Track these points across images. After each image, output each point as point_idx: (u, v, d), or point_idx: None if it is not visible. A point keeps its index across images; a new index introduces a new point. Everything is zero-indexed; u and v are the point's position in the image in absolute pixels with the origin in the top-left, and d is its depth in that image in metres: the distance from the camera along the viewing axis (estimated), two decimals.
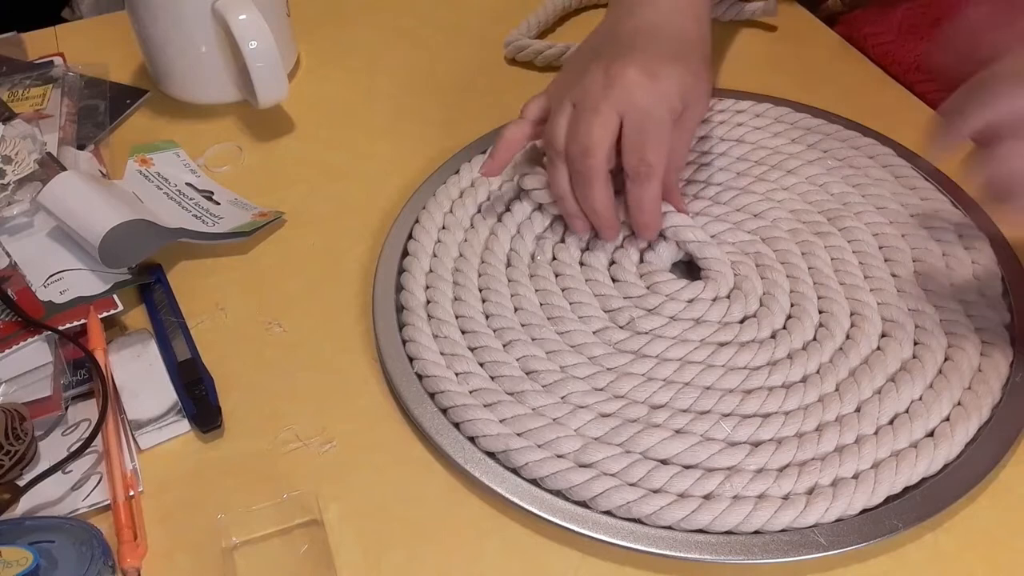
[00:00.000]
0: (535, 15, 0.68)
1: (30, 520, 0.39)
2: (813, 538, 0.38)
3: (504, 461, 0.41)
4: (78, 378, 0.45)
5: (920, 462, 0.40)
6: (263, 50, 0.56)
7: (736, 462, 0.40)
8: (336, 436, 0.44)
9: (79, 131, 0.59)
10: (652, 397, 0.43)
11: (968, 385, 0.43)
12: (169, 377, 0.45)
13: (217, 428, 0.43)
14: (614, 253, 0.50)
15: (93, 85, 0.63)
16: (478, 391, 0.44)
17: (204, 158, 0.58)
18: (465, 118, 0.60)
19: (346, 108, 0.62)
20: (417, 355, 0.45)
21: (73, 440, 0.43)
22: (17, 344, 0.45)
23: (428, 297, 0.48)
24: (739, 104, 0.59)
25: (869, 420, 0.42)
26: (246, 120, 0.61)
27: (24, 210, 0.51)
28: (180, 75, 0.62)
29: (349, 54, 0.67)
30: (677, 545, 0.38)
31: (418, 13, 0.71)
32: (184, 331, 0.47)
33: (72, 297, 0.47)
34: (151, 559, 0.39)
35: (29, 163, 0.52)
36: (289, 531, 0.40)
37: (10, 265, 0.49)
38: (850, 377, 0.44)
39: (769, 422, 0.42)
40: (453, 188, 0.54)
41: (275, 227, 0.54)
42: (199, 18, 0.57)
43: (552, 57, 0.64)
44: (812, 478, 0.40)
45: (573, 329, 0.46)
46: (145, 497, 0.41)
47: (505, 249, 0.51)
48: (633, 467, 0.40)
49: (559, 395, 0.43)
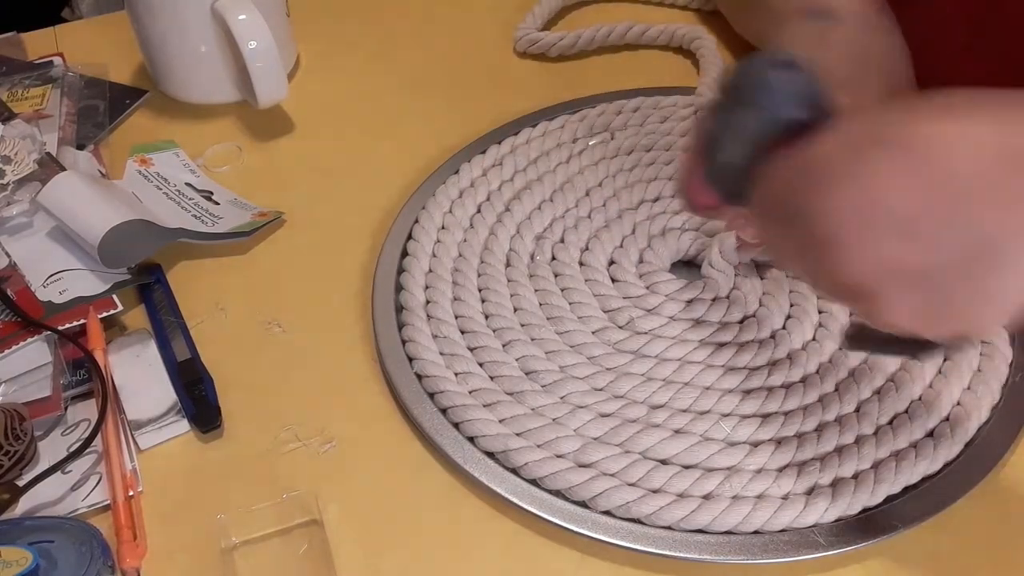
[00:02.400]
0: (539, 7, 0.68)
1: (30, 520, 0.39)
2: (813, 538, 0.38)
3: (503, 461, 0.41)
4: (78, 378, 0.45)
5: (920, 462, 0.40)
6: (263, 50, 0.56)
7: (736, 462, 0.41)
8: (336, 436, 0.44)
9: (79, 131, 0.58)
10: (651, 397, 0.43)
11: (968, 385, 0.43)
12: (169, 377, 0.45)
13: (217, 428, 0.43)
14: (613, 253, 0.50)
15: (93, 85, 0.63)
16: (477, 391, 0.44)
17: (204, 158, 0.58)
18: (465, 118, 0.60)
19: (346, 108, 0.62)
20: (416, 355, 0.45)
21: (73, 440, 0.43)
22: (17, 344, 0.45)
23: (427, 297, 0.48)
24: None
25: (869, 420, 0.42)
26: (246, 120, 0.61)
27: (24, 210, 0.51)
28: (180, 75, 0.62)
29: (349, 54, 0.67)
30: (677, 545, 0.38)
31: (418, 13, 0.71)
32: (184, 331, 0.47)
33: (72, 297, 0.47)
34: (151, 559, 0.39)
35: (29, 163, 0.52)
36: (289, 531, 0.40)
37: (10, 265, 0.49)
38: (849, 377, 0.44)
39: (768, 422, 0.42)
40: (453, 188, 0.54)
41: (275, 227, 0.54)
42: (199, 18, 0.57)
43: (565, 48, 0.64)
44: (812, 478, 0.40)
45: (572, 329, 0.46)
46: (145, 497, 0.41)
47: (504, 249, 0.51)
48: (632, 467, 0.40)
49: (558, 395, 0.43)
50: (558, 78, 0.64)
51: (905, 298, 0.30)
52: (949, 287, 0.29)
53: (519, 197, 0.53)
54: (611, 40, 0.65)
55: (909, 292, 0.29)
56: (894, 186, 0.28)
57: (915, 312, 0.30)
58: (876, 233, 0.29)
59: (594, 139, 0.57)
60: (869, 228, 0.29)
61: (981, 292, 0.28)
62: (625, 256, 0.50)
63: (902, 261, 0.29)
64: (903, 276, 0.29)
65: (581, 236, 0.51)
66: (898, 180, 0.28)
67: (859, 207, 0.29)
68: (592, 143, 0.57)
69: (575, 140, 0.57)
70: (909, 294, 0.29)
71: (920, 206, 0.28)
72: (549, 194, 0.53)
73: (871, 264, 0.29)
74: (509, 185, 0.54)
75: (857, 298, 0.31)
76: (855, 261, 0.30)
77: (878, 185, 0.28)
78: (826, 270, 0.31)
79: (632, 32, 0.65)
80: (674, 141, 0.56)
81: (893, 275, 0.29)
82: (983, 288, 0.28)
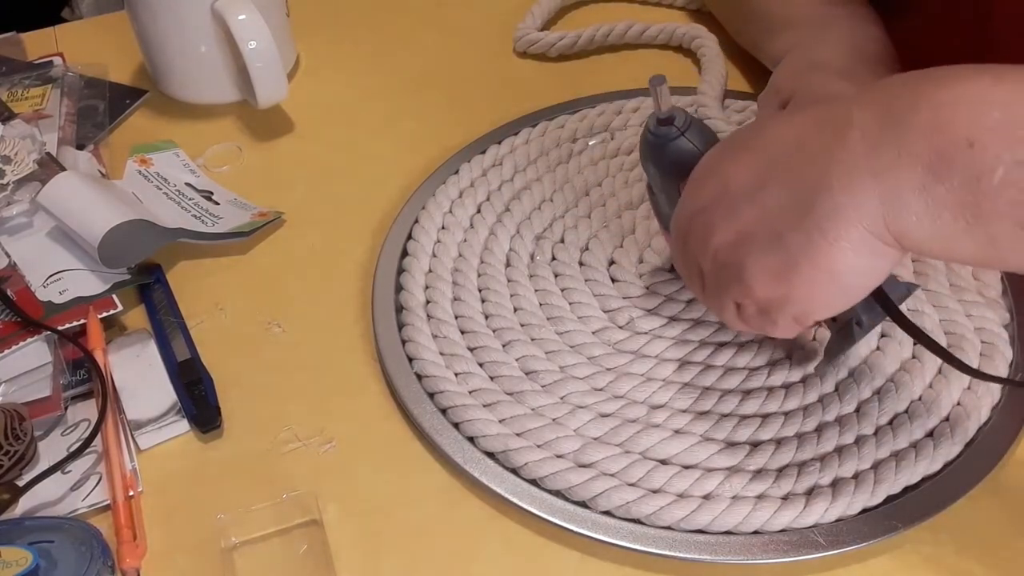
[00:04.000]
0: (538, 7, 0.68)
1: (30, 520, 0.39)
2: (812, 538, 0.38)
3: (503, 461, 0.41)
4: (78, 378, 0.45)
5: (920, 462, 0.40)
6: (263, 50, 0.56)
7: (735, 462, 0.40)
8: (336, 436, 0.44)
9: (79, 131, 0.58)
10: (651, 397, 0.43)
11: (968, 385, 0.43)
12: (169, 377, 0.45)
13: (217, 428, 0.43)
14: (613, 253, 0.50)
15: (93, 85, 0.63)
16: (477, 391, 0.44)
17: (204, 158, 0.58)
18: (465, 118, 0.60)
19: (346, 108, 0.62)
20: (416, 355, 0.45)
21: (73, 440, 0.43)
22: (17, 344, 0.45)
23: (427, 297, 0.48)
24: (735, 103, 0.59)
25: (868, 420, 0.42)
26: (246, 120, 0.61)
27: (24, 210, 0.51)
28: (180, 75, 0.62)
29: (349, 54, 0.67)
30: (677, 545, 0.38)
31: (417, 13, 0.71)
32: (184, 331, 0.47)
33: (72, 297, 0.47)
34: (151, 559, 0.39)
35: (28, 163, 0.52)
36: (288, 531, 0.40)
37: (9, 265, 0.49)
38: (849, 377, 0.44)
39: (768, 422, 0.42)
40: (453, 188, 0.54)
41: (275, 227, 0.54)
42: (199, 18, 0.57)
43: (565, 48, 0.64)
44: (811, 478, 0.40)
45: (572, 329, 0.46)
46: (145, 497, 0.41)
47: (504, 249, 0.51)
48: (632, 467, 0.40)
49: (558, 395, 0.43)
50: (558, 78, 0.64)
51: (763, 260, 0.34)
52: (788, 239, 0.33)
53: (519, 197, 0.53)
54: (611, 40, 0.65)
55: (764, 254, 0.34)
56: (736, 171, 0.36)
57: (773, 272, 0.34)
58: (731, 203, 0.36)
59: (594, 139, 0.57)
60: (725, 202, 0.36)
61: (811, 229, 0.33)
62: (625, 256, 0.50)
63: (752, 222, 0.35)
64: (755, 237, 0.35)
65: (581, 236, 0.51)
66: (740, 166, 0.36)
67: (716, 192, 0.36)
68: (592, 143, 0.57)
69: (575, 140, 0.57)
70: (764, 256, 0.34)
71: (752, 177, 0.35)
72: (549, 194, 0.53)
73: (731, 233, 0.35)
74: (509, 185, 0.54)
75: (731, 282, 0.36)
76: (721, 232, 0.36)
77: (727, 172, 0.36)
78: (707, 256, 0.37)
79: (632, 31, 0.65)
80: None
81: (751, 237, 0.35)
82: (813, 225, 0.33)
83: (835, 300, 0.35)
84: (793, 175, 0.34)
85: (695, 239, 0.38)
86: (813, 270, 0.33)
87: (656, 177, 0.42)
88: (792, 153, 0.34)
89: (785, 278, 0.34)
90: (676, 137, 0.40)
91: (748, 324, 0.38)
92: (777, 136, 0.36)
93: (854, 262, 0.33)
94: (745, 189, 0.35)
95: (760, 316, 0.37)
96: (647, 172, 0.43)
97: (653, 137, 0.41)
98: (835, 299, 0.35)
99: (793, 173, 0.34)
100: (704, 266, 0.38)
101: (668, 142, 0.40)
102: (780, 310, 0.35)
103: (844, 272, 0.33)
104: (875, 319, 0.38)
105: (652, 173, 0.42)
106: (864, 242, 0.32)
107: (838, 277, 0.33)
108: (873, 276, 0.34)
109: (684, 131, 0.40)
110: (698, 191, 0.38)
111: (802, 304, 0.35)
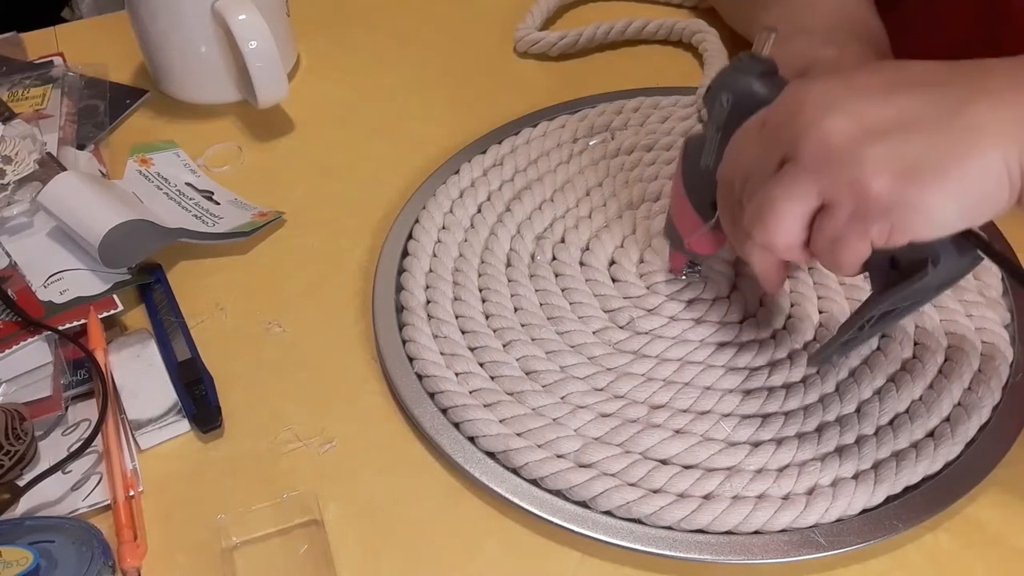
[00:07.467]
0: (537, 7, 0.68)
1: (30, 520, 0.39)
2: (813, 538, 0.38)
3: (504, 461, 0.41)
4: (78, 378, 0.45)
5: (920, 462, 0.40)
6: (263, 50, 0.56)
7: (736, 462, 0.41)
8: (336, 436, 0.44)
9: (79, 131, 0.59)
10: (652, 397, 0.43)
11: (968, 386, 0.43)
12: (169, 377, 0.45)
13: (217, 428, 0.43)
14: (614, 253, 0.50)
15: (93, 85, 0.63)
16: (478, 391, 0.44)
17: (204, 158, 0.58)
18: (465, 118, 0.60)
19: (346, 108, 0.62)
20: (417, 355, 0.45)
21: (73, 440, 0.43)
22: (17, 344, 0.45)
23: (428, 297, 0.48)
24: None
25: (869, 420, 0.42)
26: (246, 120, 0.61)
27: (24, 210, 0.51)
28: (180, 75, 0.62)
29: (349, 54, 0.67)
30: (677, 545, 0.38)
31: (417, 13, 0.71)
32: (184, 331, 0.47)
33: (72, 297, 0.47)
34: (151, 559, 0.39)
35: (29, 163, 0.52)
36: (289, 531, 0.40)
37: (10, 265, 0.49)
38: (850, 377, 0.44)
39: (769, 422, 0.42)
40: (453, 188, 0.54)
41: (275, 227, 0.54)
42: (199, 18, 0.57)
43: (566, 47, 0.64)
44: (812, 478, 0.40)
45: (573, 329, 0.46)
46: (145, 497, 0.41)
47: (505, 249, 0.51)
48: (633, 467, 0.40)
49: (559, 395, 0.43)
50: (558, 78, 0.64)
51: (893, 153, 0.33)
52: (927, 140, 0.33)
53: (519, 197, 0.53)
54: (611, 37, 0.65)
55: (895, 147, 0.33)
56: (862, 76, 0.35)
57: (899, 169, 0.33)
58: (855, 95, 0.34)
59: (594, 139, 0.57)
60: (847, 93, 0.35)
61: (955, 134, 0.33)
62: (626, 256, 0.50)
63: (881, 119, 0.33)
64: (885, 132, 0.33)
65: (581, 236, 0.51)
66: (867, 74, 0.35)
67: (835, 85, 0.35)
68: (592, 143, 0.57)
69: (575, 140, 0.57)
70: (895, 149, 0.33)
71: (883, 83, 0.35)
72: (550, 194, 0.53)
73: (852, 123, 0.34)
74: (509, 185, 0.54)
75: (833, 171, 0.34)
76: (838, 118, 0.34)
77: (851, 75, 0.35)
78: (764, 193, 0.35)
79: (632, 28, 0.65)
80: (674, 141, 0.56)
81: (878, 131, 0.33)
82: (958, 132, 0.33)
83: (946, 216, 0.33)
84: (935, 89, 0.33)
85: (789, 117, 0.35)
86: (944, 175, 0.32)
87: (725, 106, 0.39)
88: (931, 73, 0.34)
89: (912, 178, 0.32)
90: (774, 74, 0.39)
91: (822, 232, 0.35)
92: (910, 63, 0.35)
93: (982, 182, 0.32)
94: (874, 89, 0.34)
95: (850, 222, 0.34)
96: (715, 103, 0.40)
97: (749, 61, 0.39)
98: (946, 216, 0.33)
99: (934, 88, 0.33)
100: (788, 149, 0.35)
101: (759, 76, 0.38)
102: (883, 216, 0.33)
103: (971, 189, 0.32)
104: (949, 261, 0.36)
105: (723, 100, 0.39)
106: (995, 167, 0.32)
107: (964, 193, 0.32)
108: (986, 208, 0.33)
109: (776, 76, 0.39)
110: (809, 82, 0.35)
111: (911, 211, 0.33)
